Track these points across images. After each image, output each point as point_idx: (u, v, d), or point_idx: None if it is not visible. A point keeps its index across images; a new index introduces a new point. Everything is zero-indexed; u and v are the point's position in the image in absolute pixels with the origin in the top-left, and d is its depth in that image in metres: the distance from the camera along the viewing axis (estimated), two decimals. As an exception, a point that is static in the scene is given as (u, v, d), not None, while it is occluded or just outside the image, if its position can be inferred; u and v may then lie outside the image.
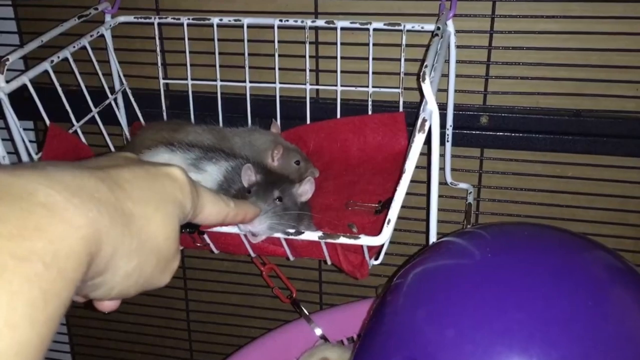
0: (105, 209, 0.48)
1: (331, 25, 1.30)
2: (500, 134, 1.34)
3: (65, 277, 0.43)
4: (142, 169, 0.56)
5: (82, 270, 0.45)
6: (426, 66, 0.92)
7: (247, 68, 1.36)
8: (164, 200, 0.56)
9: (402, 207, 0.89)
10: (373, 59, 1.30)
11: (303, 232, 0.93)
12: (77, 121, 1.26)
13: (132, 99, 1.42)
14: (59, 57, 1.21)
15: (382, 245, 0.96)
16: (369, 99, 1.32)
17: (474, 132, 1.36)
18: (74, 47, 1.24)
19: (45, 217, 0.43)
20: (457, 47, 1.26)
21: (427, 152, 1.01)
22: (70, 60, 1.23)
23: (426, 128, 0.90)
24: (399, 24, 1.27)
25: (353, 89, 1.35)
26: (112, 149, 1.36)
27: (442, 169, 1.36)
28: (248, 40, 1.35)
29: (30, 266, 0.41)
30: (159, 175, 0.57)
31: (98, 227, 0.47)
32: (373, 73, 1.31)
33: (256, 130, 1.30)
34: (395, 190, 0.89)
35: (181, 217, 0.58)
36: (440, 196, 1.02)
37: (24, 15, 1.55)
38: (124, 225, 0.50)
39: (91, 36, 1.30)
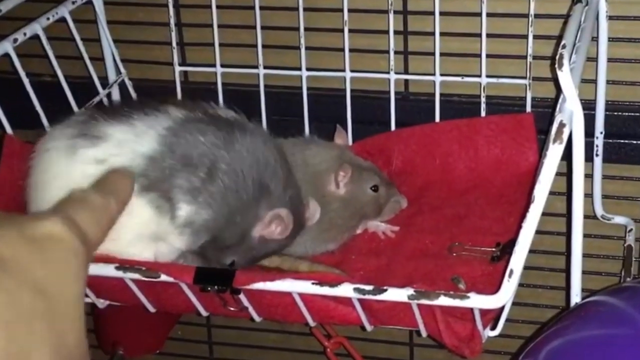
0: None
1: (426, -13, 1.32)
2: (675, 144, 1.35)
3: None
4: (16, 236, 0.55)
5: None
6: (564, 46, 0.94)
7: (302, 49, 1.38)
8: (62, 278, 0.55)
9: (531, 252, 0.89)
10: (487, 35, 1.31)
11: (386, 290, 0.92)
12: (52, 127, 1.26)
13: (134, 95, 1.44)
14: (25, 34, 1.22)
15: (502, 308, 0.96)
16: (482, 94, 1.33)
17: (635, 142, 1.36)
18: (49, 18, 1.27)
19: None
20: (610, 18, 1.26)
21: (566, 172, 1.01)
22: (43, 38, 1.26)
23: (565, 136, 0.91)
24: (525, -15, 1.28)
25: (458, 79, 1.36)
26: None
27: (588, 195, 1.35)
28: (304, 9, 1.36)
29: None
30: (42, 241, 0.56)
31: None
32: (487, 56, 1.32)
33: (313, 142, 1.28)
34: (520, 227, 0.89)
35: (84, 278, 0.58)
36: (586, 236, 1.02)
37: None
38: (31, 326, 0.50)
39: (73, 3, 1.32)
